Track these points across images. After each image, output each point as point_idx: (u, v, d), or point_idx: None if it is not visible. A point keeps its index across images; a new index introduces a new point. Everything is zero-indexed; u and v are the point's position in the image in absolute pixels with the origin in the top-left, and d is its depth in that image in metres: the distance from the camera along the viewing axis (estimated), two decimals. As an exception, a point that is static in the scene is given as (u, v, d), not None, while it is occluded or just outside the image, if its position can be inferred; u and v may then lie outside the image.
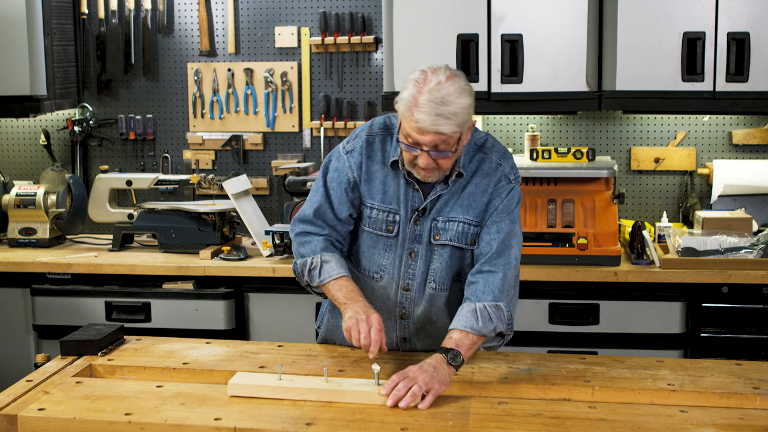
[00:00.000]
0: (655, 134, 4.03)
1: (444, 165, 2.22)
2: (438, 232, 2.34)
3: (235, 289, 3.67)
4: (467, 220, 2.32)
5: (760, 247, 3.42)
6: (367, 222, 2.38)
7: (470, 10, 3.61)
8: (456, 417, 1.98)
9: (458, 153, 2.24)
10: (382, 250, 2.39)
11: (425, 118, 2.11)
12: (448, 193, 2.33)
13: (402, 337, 2.45)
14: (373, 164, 2.35)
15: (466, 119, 2.16)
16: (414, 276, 2.37)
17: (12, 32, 3.88)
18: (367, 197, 2.36)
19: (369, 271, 2.41)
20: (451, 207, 2.33)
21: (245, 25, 4.22)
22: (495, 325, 2.23)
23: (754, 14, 3.45)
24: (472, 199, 2.32)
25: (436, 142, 2.15)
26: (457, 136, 2.17)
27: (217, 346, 2.48)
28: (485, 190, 2.32)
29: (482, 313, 2.23)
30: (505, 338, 2.30)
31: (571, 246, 3.50)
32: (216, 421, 1.95)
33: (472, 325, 2.21)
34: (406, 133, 2.17)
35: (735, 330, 3.43)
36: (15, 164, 4.45)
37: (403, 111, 2.16)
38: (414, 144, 2.17)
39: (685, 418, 1.97)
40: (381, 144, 2.35)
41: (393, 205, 2.34)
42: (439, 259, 2.36)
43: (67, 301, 3.72)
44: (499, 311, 2.25)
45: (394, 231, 2.35)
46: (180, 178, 4.06)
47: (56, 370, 2.28)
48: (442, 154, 2.18)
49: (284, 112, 4.21)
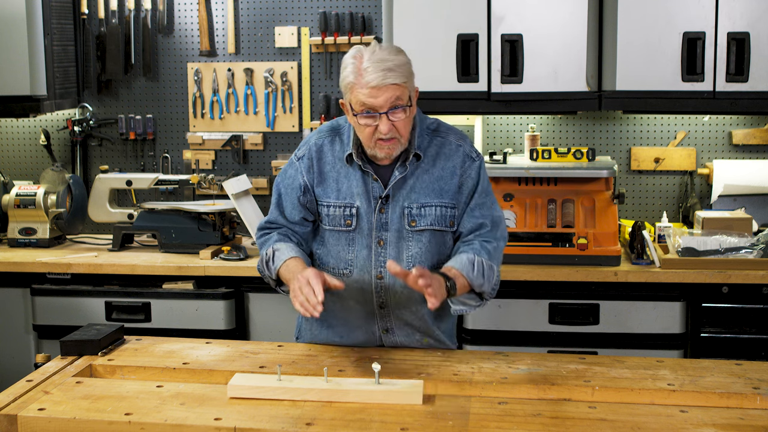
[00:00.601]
0: (655, 134, 4.04)
1: (402, 130, 2.28)
2: (414, 219, 2.38)
3: (235, 289, 3.67)
4: (443, 203, 2.39)
5: (760, 247, 3.42)
6: (326, 220, 2.43)
7: (470, 10, 3.61)
8: (456, 417, 1.98)
9: (413, 112, 2.31)
10: (345, 245, 2.43)
11: (374, 76, 2.20)
12: (412, 178, 2.38)
13: (384, 328, 2.47)
14: (324, 165, 2.42)
15: (411, 73, 2.28)
16: (385, 263, 2.39)
17: (12, 32, 3.88)
18: (322, 197, 2.43)
19: (337, 268, 2.45)
20: (419, 193, 2.38)
21: (245, 25, 4.22)
22: (483, 283, 2.32)
23: (754, 14, 3.45)
24: (442, 183, 2.39)
25: (391, 100, 2.22)
26: (408, 93, 2.26)
27: (217, 346, 2.48)
28: (453, 172, 2.40)
29: (479, 266, 2.31)
30: (483, 303, 2.38)
31: (571, 246, 3.50)
32: (216, 421, 1.95)
33: (468, 273, 2.29)
34: (360, 104, 2.24)
35: (735, 330, 3.43)
36: (15, 164, 4.45)
37: (351, 85, 2.25)
38: (371, 110, 2.23)
39: (685, 418, 1.97)
40: (330, 145, 2.43)
41: (348, 200, 2.40)
42: (418, 244, 2.40)
43: (67, 301, 3.72)
44: (491, 272, 2.34)
45: (352, 224, 2.40)
46: (180, 178, 4.06)
47: (56, 370, 2.28)
48: (399, 114, 2.24)
49: (284, 112, 4.21)
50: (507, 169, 3.63)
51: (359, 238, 2.41)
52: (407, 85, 2.26)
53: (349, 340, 2.50)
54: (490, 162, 3.71)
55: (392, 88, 2.22)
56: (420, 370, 2.25)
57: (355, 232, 2.41)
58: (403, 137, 2.30)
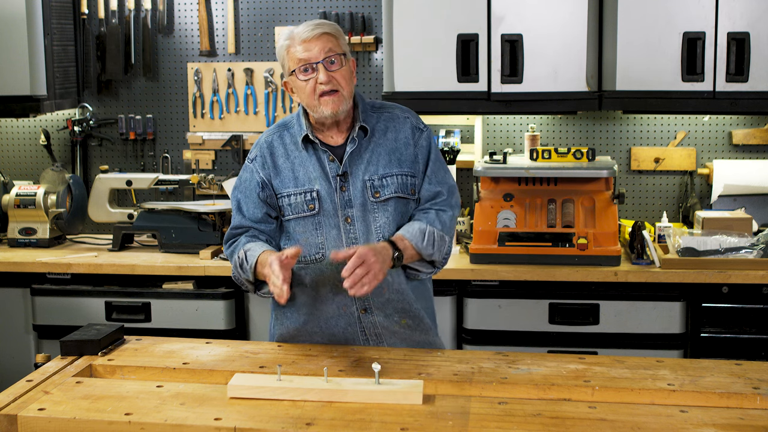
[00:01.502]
0: (655, 134, 4.04)
1: (342, 82, 2.36)
2: (377, 190, 2.43)
3: (235, 289, 3.67)
4: (403, 172, 2.46)
5: (760, 247, 3.42)
6: (288, 210, 2.46)
7: (470, 10, 3.61)
8: (456, 417, 1.98)
9: (350, 68, 2.39)
10: (312, 231, 2.45)
11: (307, 29, 2.34)
12: (367, 152, 2.44)
13: (363, 308, 2.47)
14: (277, 159, 2.48)
15: (342, 34, 2.40)
16: (357, 239, 2.43)
17: (12, 32, 3.88)
18: (280, 188, 2.46)
19: (309, 256, 2.46)
20: (377, 165, 2.44)
21: (245, 25, 4.22)
22: (433, 252, 2.43)
23: (754, 14, 3.45)
24: (398, 153, 2.47)
25: (325, 50, 2.33)
26: (341, 48, 2.36)
27: (217, 346, 2.48)
28: (406, 143, 2.48)
29: (430, 236, 2.41)
30: (435, 270, 2.49)
31: (571, 246, 3.50)
32: (216, 421, 1.95)
33: (417, 243, 2.39)
34: (296, 61, 2.34)
35: (735, 330, 3.44)
36: (15, 164, 4.45)
37: (287, 47, 2.37)
38: (307, 64, 2.33)
39: (685, 418, 1.97)
40: (280, 140, 2.49)
41: (307, 185, 2.44)
42: (384, 215, 2.45)
43: (67, 301, 3.72)
44: (442, 242, 2.45)
45: (315, 208, 2.43)
46: (180, 178, 4.07)
47: (56, 370, 2.28)
48: (335, 66, 2.34)
49: (284, 112, 4.22)
50: (507, 169, 3.63)
51: (325, 220, 2.44)
52: (339, 40, 2.37)
53: (328, 326, 2.49)
54: (490, 162, 3.71)
55: (324, 38, 2.33)
56: (420, 370, 2.25)
57: (319, 215, 2.44)
58: (345, 89, 2.37)
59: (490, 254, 3.55)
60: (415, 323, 2.51)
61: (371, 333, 2.50)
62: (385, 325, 2.49)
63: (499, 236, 3.56)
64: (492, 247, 3.54)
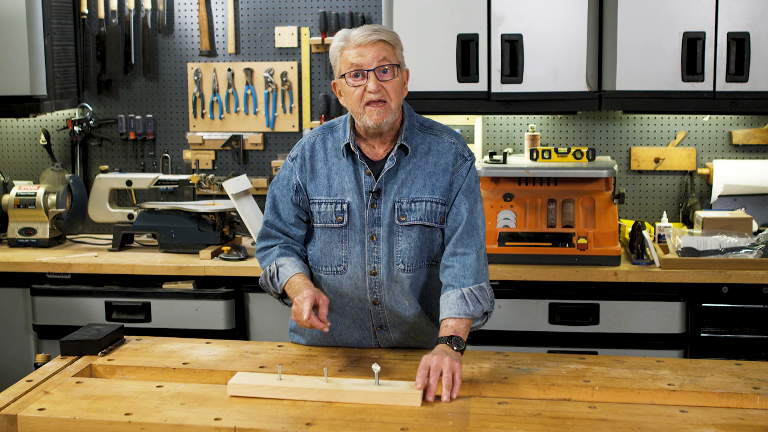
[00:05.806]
0: (655, 134, 4.04)
1: (392, 94, 2.29)
2: (403, 214, 2.38)
3: (235, 289, 3.67)
4: (434, 199, 2.38)
5: (760, 247, 3.42)
6: (317, 218, 2.43)
7: (470, 10, 3.61)
8: (456, 417, 1.98)
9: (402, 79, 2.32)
10: (338, 242, 2.42)
11: (363, 33, 2.27)
12: (403, 173, 2.37)
13: (378, 325, 2.47)
14: (316, 163, 2.43)
15: (399, 42, 2.33)
16: (379, 259, 2.40)
17: (12, 32, 3.88)
18: (313, 194, 2.43)
19: (331, 266, 2.44)
20: (410, 188, 2.37)
21: (245, 25, 4.22)
22: (483, 305, 2.33)
23: (754, 14, 3.45)
24: (434, 179, 2.38)
25: (378, 58, 2.26)
26: (396, 58, 2.29)
27: (217, 346, 2.49)
28: (445, 169, 2.39)
29: (470, 296, 2.31)
30: (488, 315, 2.38)
31: (571, 246, 3.50)
32: (216, 421, 1.95)
33: (465, 311, 2.29)
34: (348, 65, 2.28)
35: (735, 330, 3.44)
36: (15, 164, 4.45)
37: (340, 49, 2.30)
38: (358, 70, 2.27)
39: (685, 418, 1.98)
40: (322, 143, 2.44)
41: (339, 196, 2.40)
42: (407, 240, 2.39)
43: (67, 301, 3.72)
44: (483, 292, 2.34)
45: (344, 221, 2.39)
46: (180, 178, 4.06)
47: (56, 370, 2.28)
48: (387, 76, 2.27)
49: (284, 112, 4.22)
50: (507, 169, 3.63)
51: (352, 234, 2.40)
52: (395, 50, 2.30)
53: (342, 337, 2.50)
54: (490, 162, 3.71)
55: (379, 46, 2.27)
56: (420, 370, 2.25)
57: (347, 228, 2.40)
58: (393, 102, 2.30)
59: (490, 254, 3.50)
60: (430, 339, 2.50)
61: (386, 346, 2.51)
62: (401, 341, 2.50)
63: (499, 236, 3.56)
64: (492, 247, 3.54)
